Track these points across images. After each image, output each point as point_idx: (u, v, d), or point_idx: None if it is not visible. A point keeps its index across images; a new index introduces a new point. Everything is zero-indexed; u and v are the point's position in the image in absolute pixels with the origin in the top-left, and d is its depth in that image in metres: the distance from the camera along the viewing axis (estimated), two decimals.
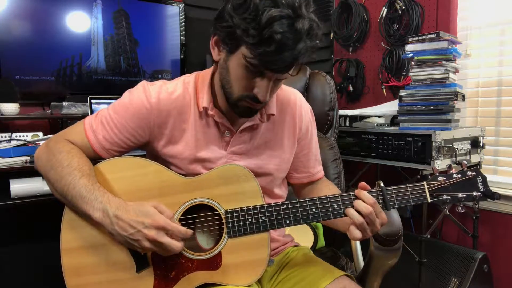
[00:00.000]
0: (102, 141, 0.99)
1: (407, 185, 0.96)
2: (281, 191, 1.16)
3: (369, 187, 0.95)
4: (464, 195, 0.96)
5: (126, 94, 1.03)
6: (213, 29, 0.93)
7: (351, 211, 0.92)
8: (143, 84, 1.03)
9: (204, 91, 1.01)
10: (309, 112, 1.16)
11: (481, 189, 0.97)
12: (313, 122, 1.19)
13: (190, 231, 0.89)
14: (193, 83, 1.04)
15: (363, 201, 0.91)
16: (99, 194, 0.89)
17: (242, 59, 0.86)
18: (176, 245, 0.87)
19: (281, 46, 0.80)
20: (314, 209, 0.95)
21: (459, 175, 0.97)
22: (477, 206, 1.04)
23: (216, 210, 0.96)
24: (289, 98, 1.11)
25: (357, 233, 0.91)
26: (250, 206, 0.96)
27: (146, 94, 1.00)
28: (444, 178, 0.97)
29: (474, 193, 0.97)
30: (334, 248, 1.66)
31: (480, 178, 0.98)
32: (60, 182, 0.92)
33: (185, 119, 1.02)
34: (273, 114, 1.06)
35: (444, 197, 0.96)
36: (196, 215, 0.97)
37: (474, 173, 0.98)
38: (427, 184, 0.96)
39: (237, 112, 0.97)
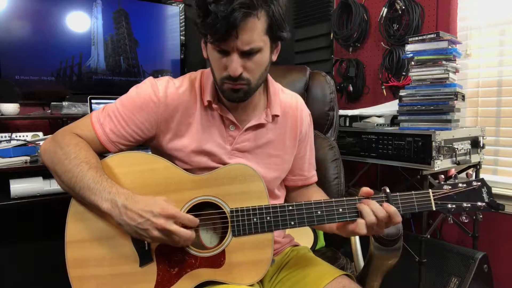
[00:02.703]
0: (109, 134, 1.00)
1: (413, 192, 0.97)
2: (280, 192, 1.17)
3: (372, 192, 0.96)
4: (469, 205, 0.97)
5: (133, 88, 1.04)
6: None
7: (366, 209, 0.93)
8: (150, 79, 1.04)
9: (208, 86, 1.03)
10: (308, 117, 1.19)
11: (486, 200, 0.97)
12: (311, 127, 1.21)
13: (197, 220, 0.90)
14: (198, 79, 1.06)
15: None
16: (108, 185, 0.90)
17: (209, 44, 0.91)
18: (186, 232, 0.88)
19: (216, 13, 0.84)
20: (319, 212, 0.96)
21: (465, 185, 0.98)
22: (481, 216, 1.04)
23: (222, 209, 0.97)
24: (291, 102, 1.14)
25: (364, 229, 0.93)
26: (255, 206, 0.96)
27: (153, 89, 1.01)
28: (450, 187, 0.97)
29: (479, 204, 0.97)
30: (334, 248, 1.67)
31: (485, 188, 0.98)
32: (67, 174, 0.92)
33: (191, 113, 1.03)
34: (277, 115, 1.08)
35: (449, 205, 0.97)
36: (201, 212, 0.98)
37: (479, 183, 0.98)
38: (433, 192, 0.97)
39: (226, 97, 0.99)
